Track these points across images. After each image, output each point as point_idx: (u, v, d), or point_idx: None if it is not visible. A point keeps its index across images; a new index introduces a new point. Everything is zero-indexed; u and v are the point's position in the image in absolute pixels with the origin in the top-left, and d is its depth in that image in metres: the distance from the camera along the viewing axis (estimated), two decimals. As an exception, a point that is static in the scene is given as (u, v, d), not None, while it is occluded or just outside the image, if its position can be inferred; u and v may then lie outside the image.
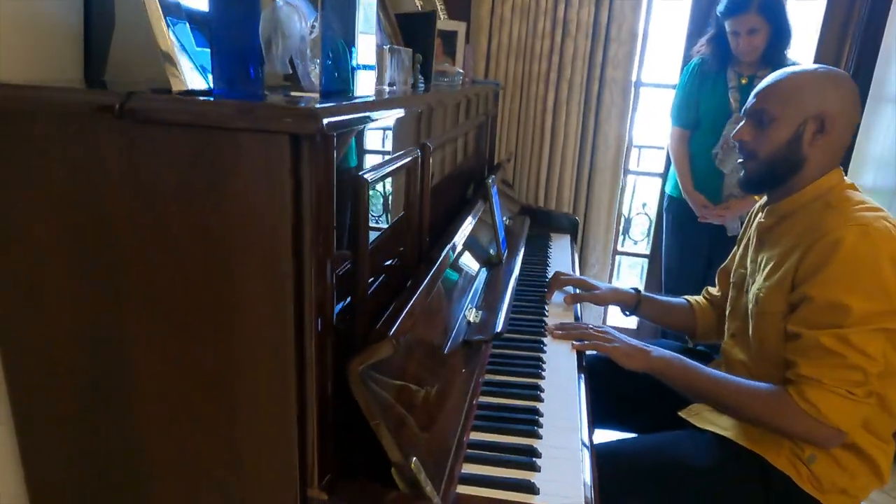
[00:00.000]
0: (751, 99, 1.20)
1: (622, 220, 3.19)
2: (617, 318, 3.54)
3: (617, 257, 2.96)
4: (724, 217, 2.30)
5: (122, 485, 0.72)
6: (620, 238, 3.07)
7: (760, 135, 1.17)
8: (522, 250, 1.68)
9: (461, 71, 1.52)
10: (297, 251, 0.60)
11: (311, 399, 0.66)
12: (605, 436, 1.40)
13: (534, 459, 0.92)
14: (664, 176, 2.72)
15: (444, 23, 1.82)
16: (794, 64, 2.19)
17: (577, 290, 1.63)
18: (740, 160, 1.25)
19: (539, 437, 0.99)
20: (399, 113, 0.84)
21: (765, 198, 1.29)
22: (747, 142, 1.20)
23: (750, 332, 1.25)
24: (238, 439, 0.68)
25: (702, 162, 2.32)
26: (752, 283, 1.25)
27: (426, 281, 0.91)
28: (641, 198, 3.66)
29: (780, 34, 2.11)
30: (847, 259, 1.03)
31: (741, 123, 1.22)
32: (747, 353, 1.28)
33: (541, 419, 1.04)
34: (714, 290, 1.55)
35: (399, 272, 0.97)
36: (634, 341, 1.30)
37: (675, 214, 2.48)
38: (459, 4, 2.41)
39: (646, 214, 3.79)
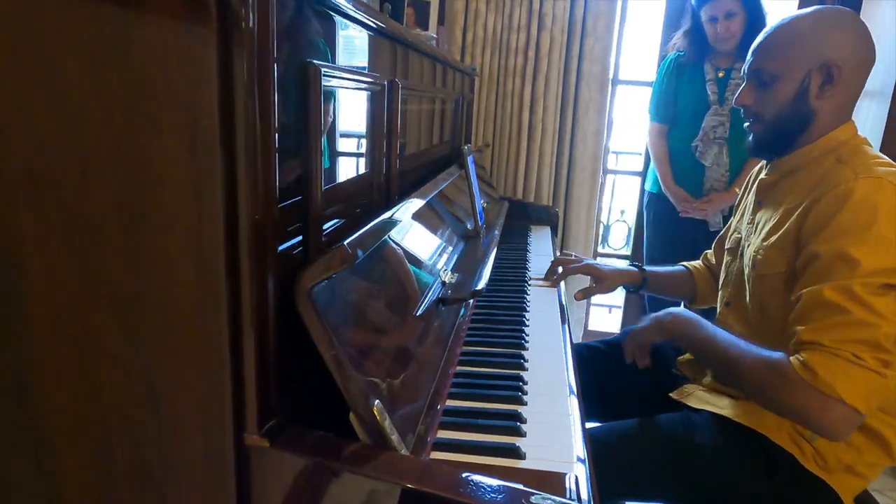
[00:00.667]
0: (748, 57, 1.11)
1: (601, 226, 3.14)
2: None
3: (598, 258, 2.89)
4: (705, 211, 2.25)
5: (14, 427, 0.58)
6: (600, 246, 3.01)
7: (763, 95, 1.08)
8: (500, 229, 1.58)
9: (434, 36, 1.44)
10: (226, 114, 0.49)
11: (247, 322, 0.54)
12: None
13: (518, 424, 0.80)
14: (643, 174, 2.67)
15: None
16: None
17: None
18: (746, 124, 1.15)
19: (524, 403, 0.87)
20: (368, 20, 0.74)
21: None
22: (749, 105, 1.11)
23: (747, 297, 1.16)
24: (153, 371, 0.54)
25: (681, 156, 2.28)
26: (749, 246, 1.16)
27: (393, 210, 0.80)
28: (620, 203, 3.62)
29: (755, 22, 2.10)
30: (857, 210, 0.93)
31: (742, 86, 1.13)
32: (744, 323, 1.18)
33: (525, 386, 0.93)
34: (712, 259, 1.49)
35: (362, 220, 0.85)
36: (649, 319, 1.19)
37: (655, 211, 2.42)
38: (422, 10, 2.36)
39: (624, 222, 3.76)
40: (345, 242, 0.60)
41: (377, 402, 0.59)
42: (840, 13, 1.05)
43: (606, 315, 3.74)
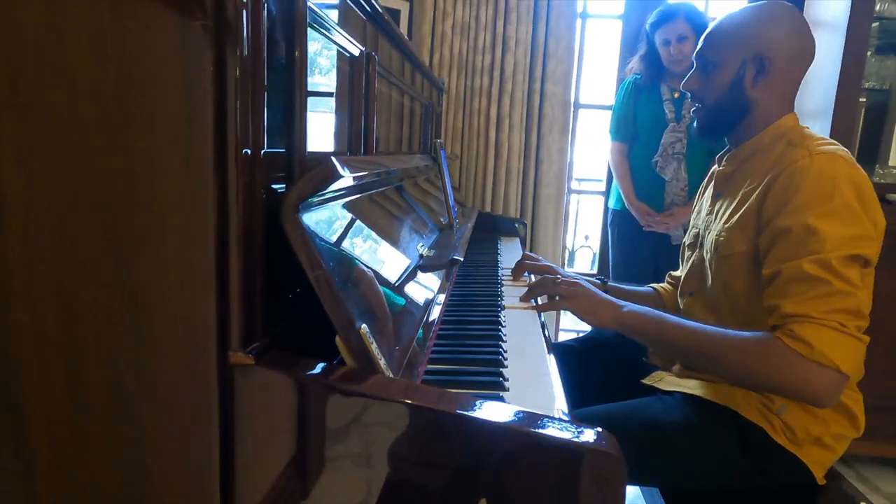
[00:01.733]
0: (699, 42, 1.18)
1: (566, 252, 3.19)
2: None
3: (565, 278, 2.92)
4: (667, 225, 2.33)
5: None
6: (567, 267, 3.06)
7: (706, 81, 1.15)
8: (472, 225, 1.59)
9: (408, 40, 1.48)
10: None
11: (234, 236, 0.53)
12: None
13: (501, 380, 0.80)
14: (606, 194, 2.75)
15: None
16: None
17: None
18: (692, 109, 1.22)
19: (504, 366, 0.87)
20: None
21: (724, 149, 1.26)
22: (695, 90, 1.18)
23: (709, 282, 1.19)
24: (133, 284, 0.53)
25: (643, 173, 2.37)
26: (710, 233, 1.20)
27: (375, 171, 0.80)
28: (584, 228, 3.71)
29: (706, 45, 2.23)
30: (817, 183, 0.98)
31: (691, 71, 1.21)
32: (709, 308, 1.20)
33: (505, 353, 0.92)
34: (676, 273, 1.51)
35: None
36: (604, 295, 1.19)
37: (619, 227, 2.49)
38: (392, 17, 2.44)
39: (589, 247, 3.84)
40: (331, 157, 0.60)
41: (363, 325, 0.58)
42: (781, 8, 1.11)
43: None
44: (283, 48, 0.63)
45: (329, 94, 0.84)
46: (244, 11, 0.50)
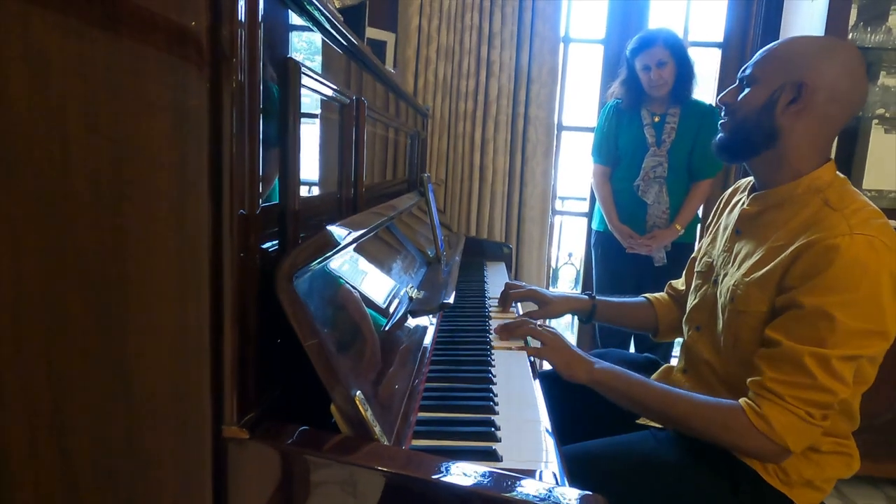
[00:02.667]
0: (751, 60, 1.12)
1: (550, 270, 3.21)
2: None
3: (549, 298, 2.94)
4: (650, 247, 2.36)
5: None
6: (551, 286, 3.07)
7: (741, 96, 1.09)
8: (460, 257, 1.60)
9: (393, 70, 1.49)
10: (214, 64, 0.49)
11: (228, 311, 0.52)
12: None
13: (493, 429, 0.80)
14: (589, 215, 2.78)
15: (371, 31, 1.81)
16: (699, 103, 2.38)
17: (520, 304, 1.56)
18: (721, 122, 1.15)
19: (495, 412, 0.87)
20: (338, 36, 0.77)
21: (748, 180, 1.22)
22: (729, 102, 1.12)
23: (720, 328, 1.16)
24: (127, 362, 0.52)
25: (625, 196, 2.40)
26: (726, 276, 1.17)
27: (365, 212, 0.80)
28: (567, 246, 3.73)
29: (684, 69, 2.28)
30: (847, 269, 0.93)
31: (731, 87, 1.15)
32: (715, 351, 1.19)
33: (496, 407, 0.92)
34: (679, 284, 1.47)
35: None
36: (579, 351, 1.18)
37: (603, 248, 2.51)
38: (378, 48, 2.44)
39: (572, 265, 3.86)
40: (328, 227, 0.60)
41: (359, 392, 0.58)
42: (843, 47, 1.04)
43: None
44: (276, 108, 0.63)
45: (318, 133, 0.84)
46: (239, 82, 0.50)
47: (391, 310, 0.90)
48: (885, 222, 0.99)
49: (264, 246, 0.61)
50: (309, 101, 0.75)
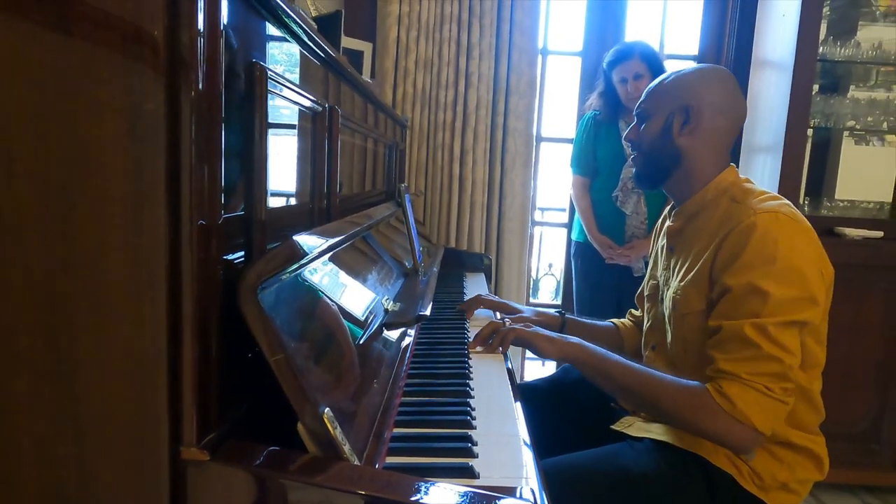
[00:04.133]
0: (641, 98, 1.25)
1: (531, 281, 3.21)
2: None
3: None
4: (629, 257, 2.36)
5: None
6: (532, 297, 3.07)
7: (642, 131, 1.22)
8: (438, 268, 1.58)
9: (370, 80, 1.47)
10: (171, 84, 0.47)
11: (187, 325, 0.50)
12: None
13: (469, 445, 0.78)
14: (569, 226, 2.78)
15: (348, 40, 1.80)
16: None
17: (497, 315, 1.54)
18: (631, 158, 1.29)
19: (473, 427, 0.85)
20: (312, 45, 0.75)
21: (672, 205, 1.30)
22: (633, 138, 1.24)
23: (669, 339, 1.22)
24: (76, 380, 0.49)
25: (604, 206, 2.41)
26: (668, 289, 1.23)
27: (339, 221, 0.78)
28: (548, 257, 3.74)
29: (660, 83, 2.30)
30: (760, 244, 1.02)
31: (632, 125, 1.27)
32: (669, 364, 1.23)
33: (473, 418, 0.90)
34: (637, 312, 1.54)
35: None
36: (551, 333, 1.24)
37: (582, 259, 2.52)
38: (356, 58, 2.43)
39: (552, 275, 3.87)
40: (295, 237, 0.58)
41: (327, 409, 0.56)
42: (713, 69, 1.20)
43: (540, 368, 3.75)
44: (241, 112, 0.61)
45: (291, 142, 0.82)
46: (206, 87, 0.48)
47: (366, 322, 0.88)
48: (785, 201, 1.09)
49: (230, 257, 0.59)
50: (278, 108, 0.73)
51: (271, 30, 0.69)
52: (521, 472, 0.75)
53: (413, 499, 0.50)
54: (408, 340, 1.12)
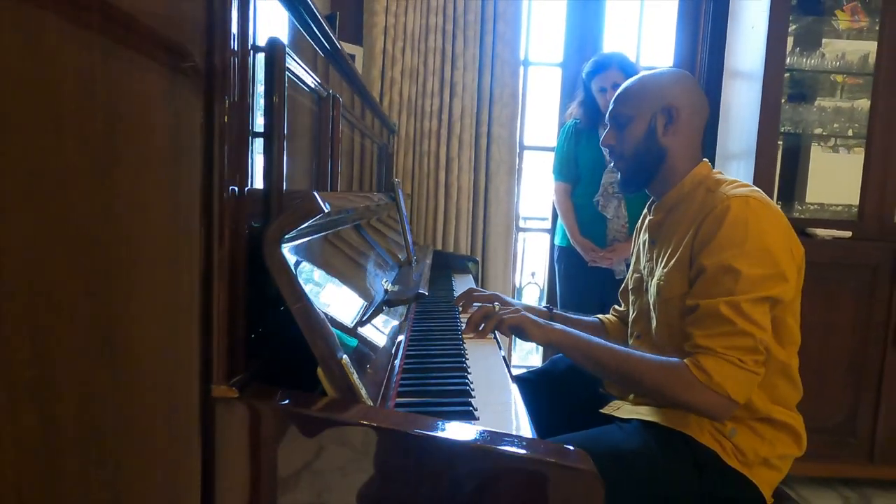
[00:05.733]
0: (609, 106, 1.30)
1: (514, 289, 3.26)
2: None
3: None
4: (611, 260, 2.43)
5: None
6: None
7: (621, 136, 1.26)
8: (430, 260, 1.62)
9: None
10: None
11: (219, 272, 0.53)
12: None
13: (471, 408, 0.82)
14: (552, 231, 2.85)
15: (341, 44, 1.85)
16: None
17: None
18: (612, 164, 1.33)
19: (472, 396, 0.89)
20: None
21: (651, 200, 1.35)
22: (613, 145, 1.28)
23: (654, 325, 1.27)
24: (113, 322, 0.52)
25: (586, 211, 2.48)
26: (653, 279, 1.29)
27: (344, 192, 0.82)
28: (530, 265, 3.80)
29: (639, 92, 2.40)
30: (732, 225, 1.09)
31: (606, 130, 1.31)
32: (655, 349, 1.27)
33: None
34: (619, 308, 1.59)
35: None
36: (533, 316, 1.28)
37: (565, 263, 2.58)
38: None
39: (535, 284, 3.93)
40: (314, 193, 0.62)
41: (345, 355, 0.59)
42: (678, 71, 1.29)
43: (524, 359, 3.76)
44: (262, 92, 0.65)
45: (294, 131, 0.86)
46: (232, 60, 0.52)
47: (368, 298, 0.91)
48: (755, 188, 1.16)
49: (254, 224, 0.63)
50: (290, 87, 0.77)
51: (286, 15, 0.74)
52: (521, 433, 0.78)
53: (438, 433, 0.54)
54: (401, 338, 1.14)
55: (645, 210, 1.41)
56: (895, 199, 2.37)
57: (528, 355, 3.59)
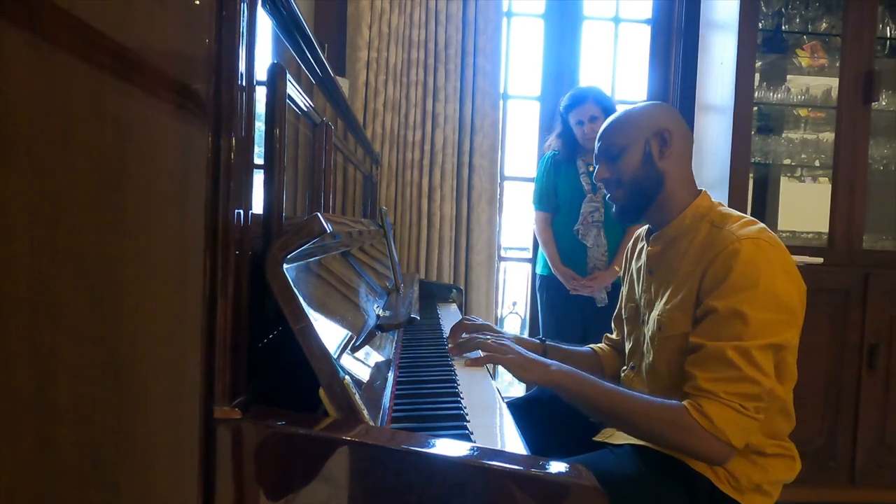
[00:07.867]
0: (596, 144, 1.30)
1: (497, 320, 3.26)
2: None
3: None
4: (592, 288, 2.46)
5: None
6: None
7: (616, 167, 1.25)
8: (417, 287, 1.63)
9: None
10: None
11: (222, 295, 0.53)
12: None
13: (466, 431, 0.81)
14: (533, 260, 2.88)
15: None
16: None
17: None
18: (609, 196, 1.31)
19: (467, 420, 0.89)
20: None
21: (645, 228, 1.36)
22: (608, 178, 1.27)
23: (650, 359, 1.26)
24: (118, 343, 0.52)
25: (566, 240, 2.52)
26: (652, 311, 1.27)
27: (338, 216, 0.83)
28: (511, 295, 3.82)
29: (614, 124, 2.48)
30: (745, 269, 1.07)
31: (596, 167, 1.31)
32: (647, 382, 1.28)
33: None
34: (613, 335, 1.58)
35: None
36: (532, 355, 1.24)
37: (548, 292, 2.60)
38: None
39: (516, 314, 3.94)
40: (317, 214, 0.62)
41: (346, 376, 0.59)
42: (659, 103, 1.32)
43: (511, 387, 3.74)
44: (263, 122, 0.66)
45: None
46: (240, 96, 0.54)
47: (362, 322, 0.91)
48: (763, 227, 1.15)
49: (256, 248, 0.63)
50: (289, 111, 0.78)
51: (287, 42, 0.76)
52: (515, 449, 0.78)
53: (431, 451, 0.54)
54: (391, 364, 1.14)
55: (638, 233, 1.40)
56: (862, 227, 2.45)
57: (510, 387, 3.58)
